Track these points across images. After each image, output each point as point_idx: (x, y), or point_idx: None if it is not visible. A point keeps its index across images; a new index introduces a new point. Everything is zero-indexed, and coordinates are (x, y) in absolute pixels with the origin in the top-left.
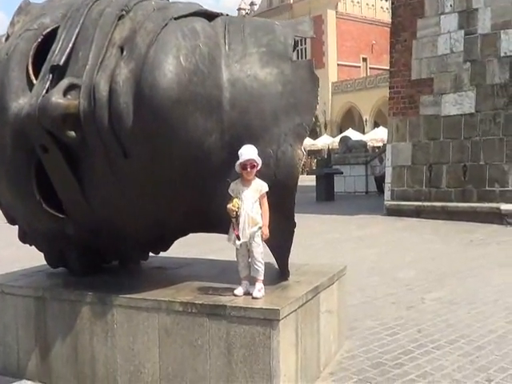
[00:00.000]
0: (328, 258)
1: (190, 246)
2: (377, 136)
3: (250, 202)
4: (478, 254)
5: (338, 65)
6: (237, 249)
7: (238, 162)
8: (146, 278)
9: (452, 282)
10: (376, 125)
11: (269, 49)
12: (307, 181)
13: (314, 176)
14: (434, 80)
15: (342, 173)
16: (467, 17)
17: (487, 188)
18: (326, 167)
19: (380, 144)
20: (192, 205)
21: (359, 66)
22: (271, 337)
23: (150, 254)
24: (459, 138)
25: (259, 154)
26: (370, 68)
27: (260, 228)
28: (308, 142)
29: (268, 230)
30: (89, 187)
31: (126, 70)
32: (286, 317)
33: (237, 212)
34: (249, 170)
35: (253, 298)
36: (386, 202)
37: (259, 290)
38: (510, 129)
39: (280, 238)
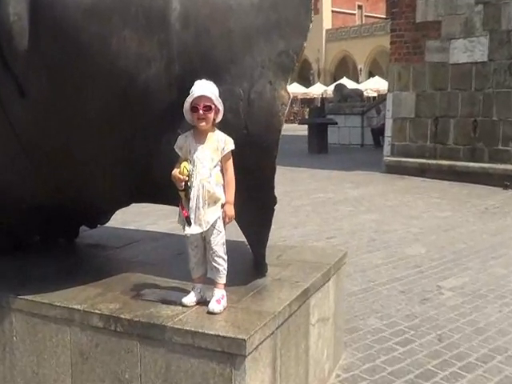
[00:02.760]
0: (319, 225)
1: None
2: (372, 86)
3: (207, 168)
4: (498, 227)
5: (332, 11)
6: (187, 237)
7: (186, 104)
8: (70, 265)
9: (473, 265)
10: (371, 75)
11: None
12: (299, 130)
13: (307, 126)
14: (442, 23)
15: (337, 123)
16: None
17: (500, 147)
18: (319, 117)
19: (375, 94)
20: (126, 167)
21: (354, 14)
22: (233, 379)
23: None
24: (469, 90)
25: (223, 96)
26: (365, 16)
27: (222, 207)
28: (300, 90)
29: (234, 211)
30: None
31: None
32: (257, 347)
33: (186, 182)
34: (201, 112)
35: (208, 312)
36: (385, 158)
37: (218, 300)
38: None
39: (254, 220)
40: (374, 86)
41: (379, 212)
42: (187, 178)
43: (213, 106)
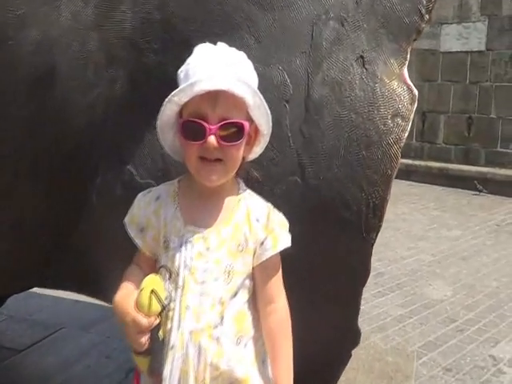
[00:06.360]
0: None
1: None
2: None
3: (214, 297)
4: None
5: None
6: None
7: (165, 110)
8: None
9: None
10: None
11: None
12: None
13: None
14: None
15: None
16: None
17: (499, 149)
18: None
19: None
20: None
21: None
22: None
23: None
24: (463, 82)
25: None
26: None
27: None
28: None
29: None
30: None
31: None
32: None
33: (154, 332)
34: (213, 142)
35: None
36: None
37: None
38: None
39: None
40: None
41: None
42: (157, 321)
43: (246, 124)
